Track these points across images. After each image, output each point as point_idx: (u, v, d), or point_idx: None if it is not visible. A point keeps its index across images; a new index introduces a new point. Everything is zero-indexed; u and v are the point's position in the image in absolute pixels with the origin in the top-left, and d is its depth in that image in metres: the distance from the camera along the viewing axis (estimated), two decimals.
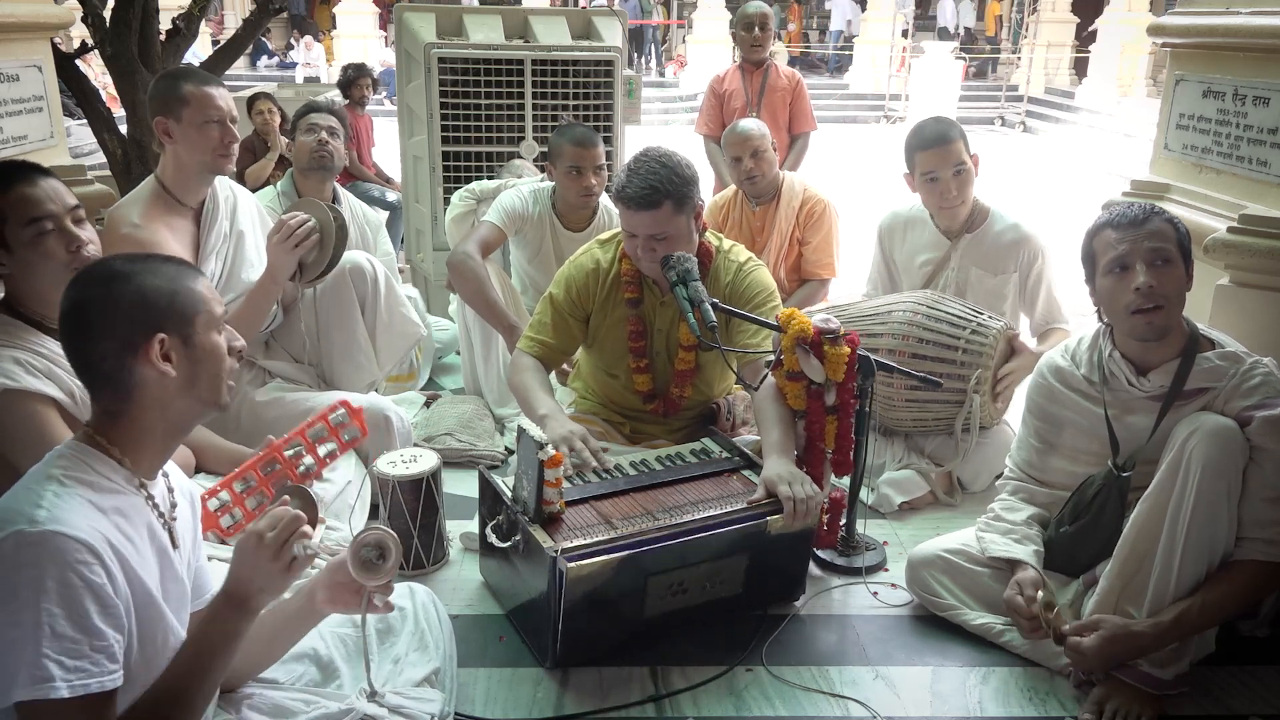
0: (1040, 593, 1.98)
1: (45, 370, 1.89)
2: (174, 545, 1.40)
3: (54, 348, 1.92)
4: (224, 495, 2.20)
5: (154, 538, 1.35)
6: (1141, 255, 1.95)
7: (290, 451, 2.28)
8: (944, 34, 18.87)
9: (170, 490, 1.44)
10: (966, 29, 19.76)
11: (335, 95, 6.66)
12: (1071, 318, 2.95)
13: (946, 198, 2.83)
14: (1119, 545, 1.94)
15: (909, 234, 3.06)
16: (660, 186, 2.31)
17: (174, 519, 1.42)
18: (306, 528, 1.38)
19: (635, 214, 2.34)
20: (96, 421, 1.35)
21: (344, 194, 3.52)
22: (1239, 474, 1.86)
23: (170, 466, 1.47)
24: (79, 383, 1.89)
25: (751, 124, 3.57)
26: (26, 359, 1.87)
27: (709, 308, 2.23)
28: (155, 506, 1.37)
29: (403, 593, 1.86)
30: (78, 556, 1.18)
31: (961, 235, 2.94)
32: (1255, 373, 1.93)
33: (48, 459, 1.31)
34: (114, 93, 4.42)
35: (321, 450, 2.32)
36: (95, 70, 8.43)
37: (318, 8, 20.16)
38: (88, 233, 1.94)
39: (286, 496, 1.44)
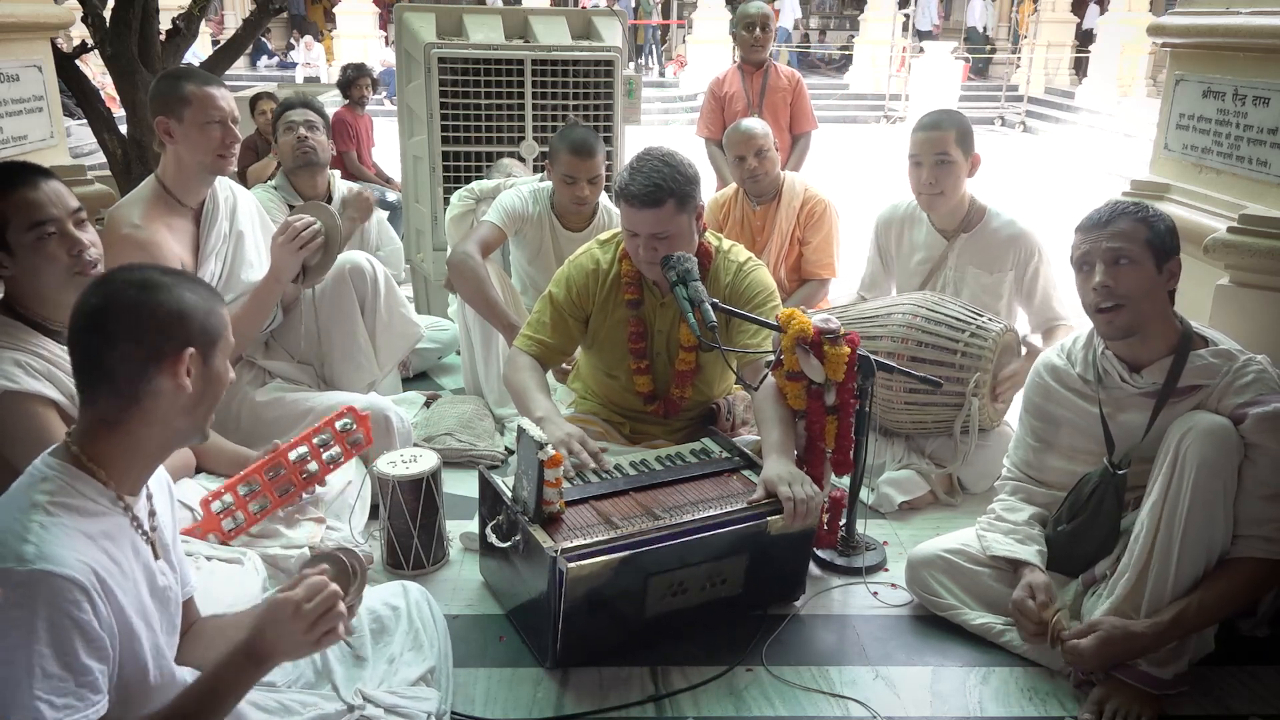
0: (1051, 600, 1.98)
1: (45, 372, 1.88)
2: (156, 556, 1.39)
3: (54, 349, 1.92)
4: (228, 498, 2.20)
5: (138, 554, 1.35)
6: (1100, 255, 1.97)
7: (295, 456, 2.28)
8: (973, 34, 18.72)
9: (149, 498, 1.43)
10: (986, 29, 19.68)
11: (335, 95, 6.66)
12: (1073, 315, 2.95)
13: (920, 183, 2.86)
14: (1134, 555, 1.92)
15: (906, 230, 3.07)
16: (664, 184, 2.31)
17: (154, 529, 1.41)
18: (342, 606, 1.37)
19: (638, 212, 2.34)
20: (83, 434, 1.32)
21: (345, 186, 3.53)
22: (1234, 472, 1.86)
23: None
24: None
25: (755, 123, 3.57)
26: (26, 360, 1.87)
27: (709, 308, 2.23)
28: (137, 523, 1.36)
29: (396, 592, 1.85)
30: (67, 596, 1.17)
31: (958, 235, 2.94)
32: (1248, 370, 1.93)
33: (30, 480, 1.28)
34: (112, 93, 4.42)
35: (326, 456, 2.33)
36: (94, 70, 8.43)
37: (311, 7, 20.17)
38: (89, 235, 1.94)
39: (325, 565, 1.41)
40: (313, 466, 2.31)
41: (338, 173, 3.64)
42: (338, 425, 2.33)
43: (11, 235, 1.85)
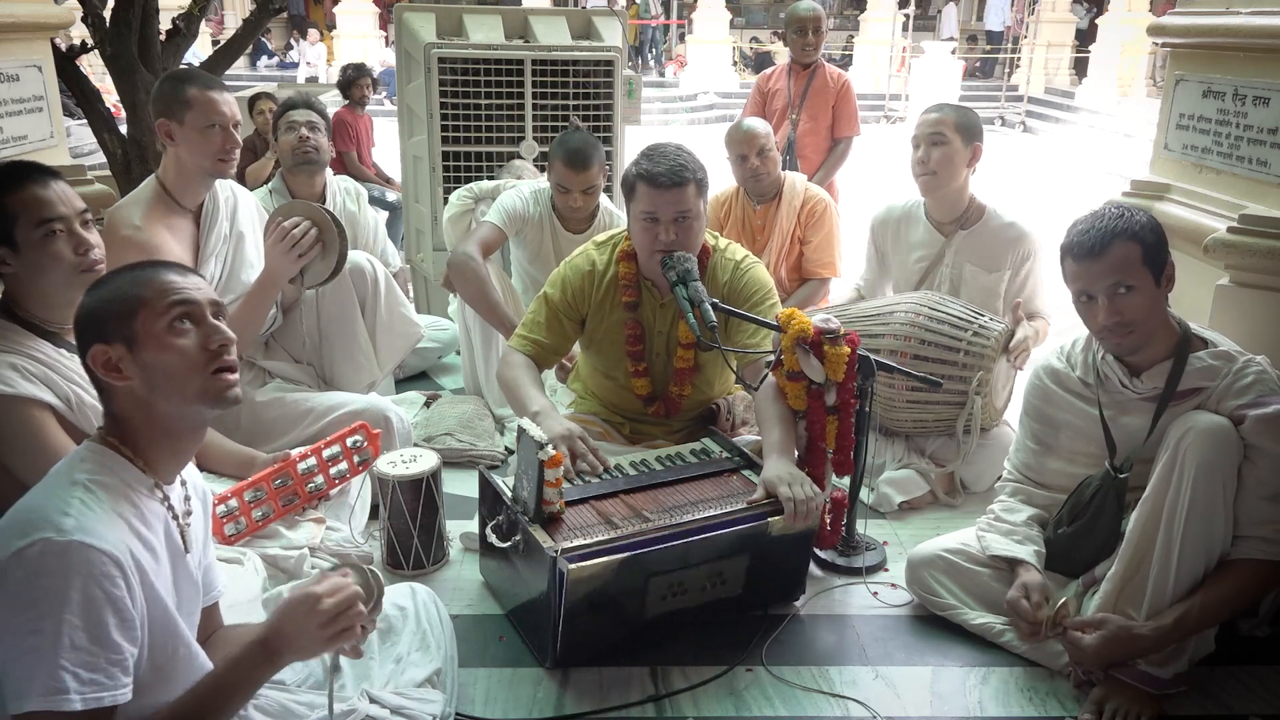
0: (1046, 600, 1.98)
1: (41, 376, 1.88)
2: (187, 549, 1.40)
3: (51, 353, 1.91)
4: (232, 503, 2.20)
5: (169, 541, 1.36)
6: (1102, 289, 1.94)
7: (304, 467, 2.29)
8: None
9: (186, 494, 1.45)
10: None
11: (335, 95, 6.66)
12: (1054, 316, 2.98)
13: (914, 164, 2.90)
14: (1122, 549, 1.94)
15: (902, 229, 3.07)
16: (687, 165, 2.36)
17: (188, 522, 1.42)
18: (363, 607, 1.37)
19: (665, 192, 2.34)
20: (108, 425, 1.36)
21: (335, 186, 3.50)
22: (1234, 472, 1.86)
23: (188, 467, 1.47)
24: (75, 389, 1.90)
25: (757, 122, 3.59)
26: (23, 364, 1.87)
27: (709, 307, 2.23)
28: (171, 509, 1.38)
29: (404, 592, 1.86)
30: (102, 569, 1.18)
31: (956, 231, 2.95)
32: (1248, 371, 1.93)
33: (71, 460, 1.31)
34: (111, 92, 4.41)
35: (333, 471, 2.33)
36: (94, 70, 8.42)
37: (312, 7, 20.19)
38: (94, 236, 1.95)
39: (349, 570, 1.42)
40: (319, 480, 2.32)
41: (330, 173, 3.61)
42: (349, 442, 2.34)
43: (19, 232, 1.85)
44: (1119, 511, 2.04)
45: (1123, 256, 1.92)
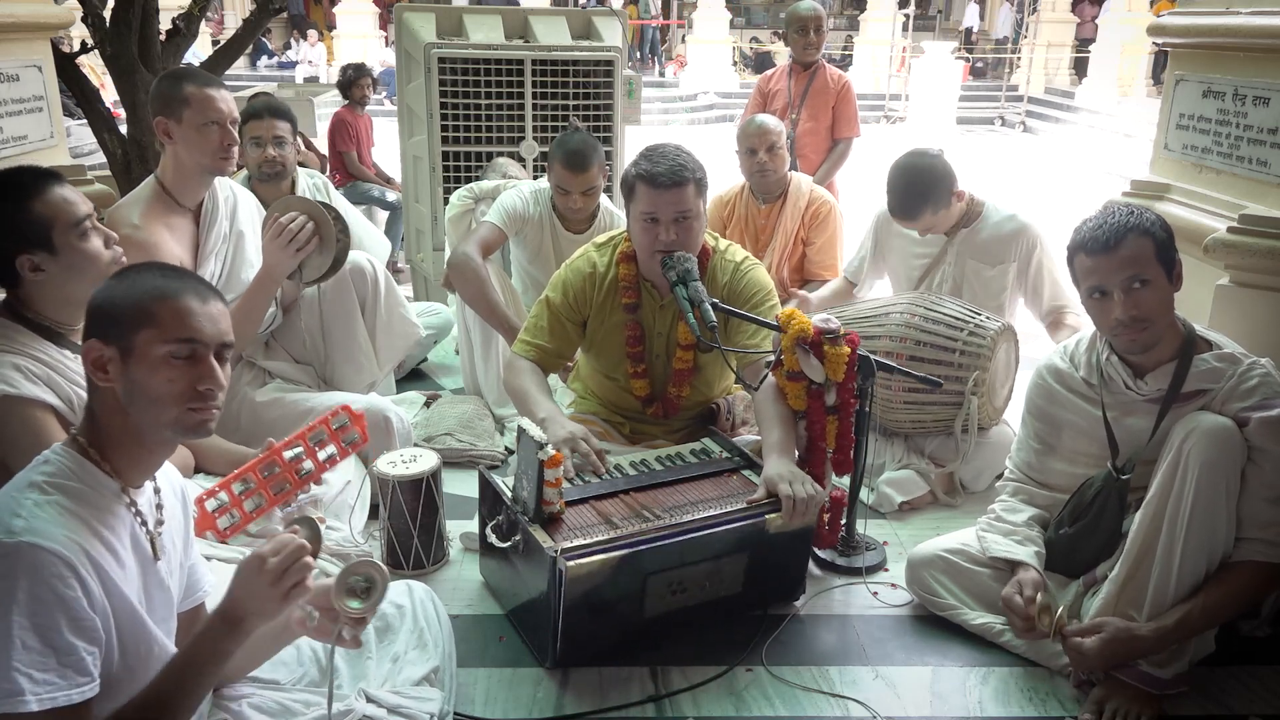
0: (1040, 595, 1.98)
1: (44, 377, 1.88)
2: (156, 557, 1.38)
3: (54, 353, 1.91)
4: (223, 496, 2.19)
5: (137, 547, 1.34)
6: (1117, 283, 1.93)
7: (290, 454, 2.27)
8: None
9: (157, 494, 1.43)
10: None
11: (335, 95, 6.66)
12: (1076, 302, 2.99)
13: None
14: (1124, 550, 1.94)
15: (905, 229, 3.08)
16: (687, 165, 2.36)
17: (159, 527, 1.40)
18: (309, 559, 1.35)
19: (665, 192, 2.34)
20: (83, 425, 1.35)
21: (304, 184, 3.36)
22: (1237, 473, 1.86)
23: (162, 468, 1.45)
24: (77, 390, 1.89)
25: (771, 120, 3.60)
26: (26, 365, 1.87)
27: (709, 308, 2.23)
28: (138, 514, 1.36)
29: (401, 591, 1.86)
30: (51, 570, 1.17)
31: (957, 231, 2.96)
32: (1253, 374, 1.93)
33: (33, 465, 1.30)
34: (109, 90, 4.40)
35: (322, 454, 2.31)
36: (96, 71, 8.42)
37: (312, 7, 20.19)
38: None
39: (296, 526, 1.41)
40: (308, 465, 2.29)
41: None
42: (333, 424, 2.32)
43: (57, 235, 1.84)
44: (1120, 512, 2.04)
45: (1137, 250, 1.92)
